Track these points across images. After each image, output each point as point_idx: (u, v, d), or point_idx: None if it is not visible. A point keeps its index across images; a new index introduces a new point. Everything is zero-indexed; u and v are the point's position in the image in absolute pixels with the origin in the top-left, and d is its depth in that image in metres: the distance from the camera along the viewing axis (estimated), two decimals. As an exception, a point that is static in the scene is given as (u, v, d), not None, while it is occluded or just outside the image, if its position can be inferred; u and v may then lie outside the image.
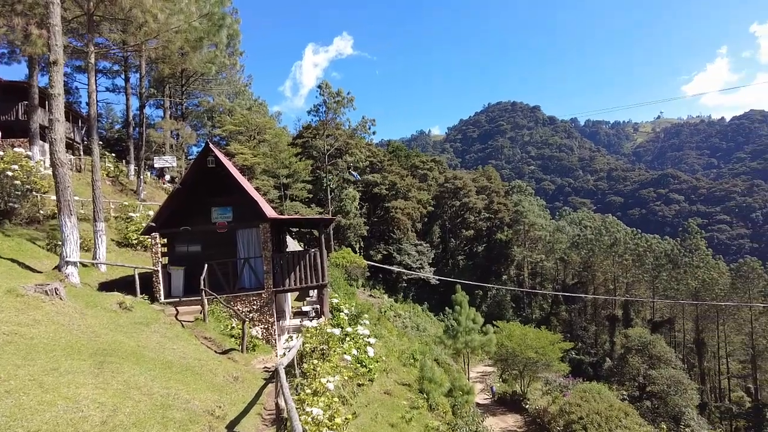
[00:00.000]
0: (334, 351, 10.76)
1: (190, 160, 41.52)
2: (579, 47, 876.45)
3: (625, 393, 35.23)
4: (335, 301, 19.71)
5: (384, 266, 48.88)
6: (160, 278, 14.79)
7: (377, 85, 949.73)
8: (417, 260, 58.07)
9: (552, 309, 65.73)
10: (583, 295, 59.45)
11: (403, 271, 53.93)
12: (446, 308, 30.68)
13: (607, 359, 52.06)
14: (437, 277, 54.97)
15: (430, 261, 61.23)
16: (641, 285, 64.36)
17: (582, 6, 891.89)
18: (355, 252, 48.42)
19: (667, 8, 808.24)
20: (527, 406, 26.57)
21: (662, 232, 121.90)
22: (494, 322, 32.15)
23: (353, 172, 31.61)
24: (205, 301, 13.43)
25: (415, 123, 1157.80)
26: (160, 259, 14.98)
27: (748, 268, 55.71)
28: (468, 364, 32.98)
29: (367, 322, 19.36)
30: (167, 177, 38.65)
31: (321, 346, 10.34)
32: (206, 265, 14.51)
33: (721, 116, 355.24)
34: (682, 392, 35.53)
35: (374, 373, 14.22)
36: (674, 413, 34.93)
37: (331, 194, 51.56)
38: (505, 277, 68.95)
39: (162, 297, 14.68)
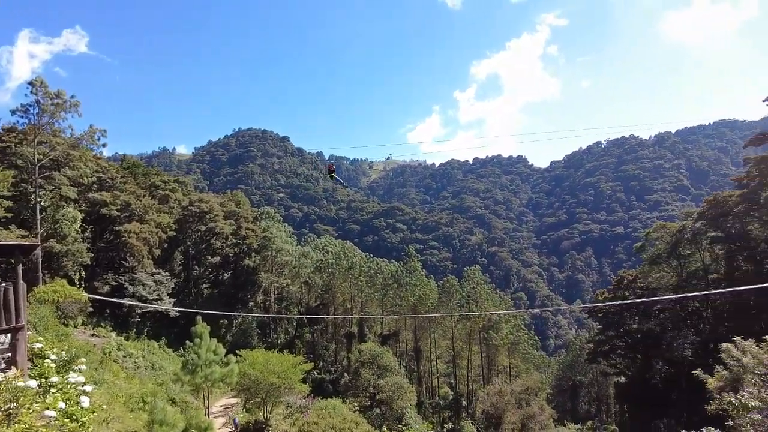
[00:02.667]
0: (29, 408, 8.75)
1: None
2: (327, 87, 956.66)
3: (357, 404, 38.88)
4: (38, 346, 16.15)
5: (111, 300, 42.38)
6: None
7: (116, 92, 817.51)
8: (154, 291, 52.12)
9: (297, 332, 67.98)
10: (324, 316, 63.55)
11: (136, 304, 47.69)
12: (187, 342, 28.46)
13: (345, 374, 56.43)
14: (177, 309, 50.47)
15: (170, 291, 55.85)
16: (373, 303, 72.48)
17: (333, 49, 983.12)
18: (74, 284, 40.66)
19: (401, 65, 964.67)
20: (269, 433, 26.60)
21: (390, 256, 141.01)
22: (237, 352, 31.34)
23: (338, 178, 26.29)
24: None
25: (158, 139, 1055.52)
26: None
27: (450, 285, 69.41)
28: (208, 399, 31.20)
29: (84, 367, 16.45)
30: None
31: (7, 405, 8.26)
32: None
33: (433, 162, 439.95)
34: (403, 395, 41.35)
35: (89, 426, 12.14)
36: (398, 415, 40.35)
37: (42, 214, 42.34)
38: (251, 303, 68.12)
39: None
